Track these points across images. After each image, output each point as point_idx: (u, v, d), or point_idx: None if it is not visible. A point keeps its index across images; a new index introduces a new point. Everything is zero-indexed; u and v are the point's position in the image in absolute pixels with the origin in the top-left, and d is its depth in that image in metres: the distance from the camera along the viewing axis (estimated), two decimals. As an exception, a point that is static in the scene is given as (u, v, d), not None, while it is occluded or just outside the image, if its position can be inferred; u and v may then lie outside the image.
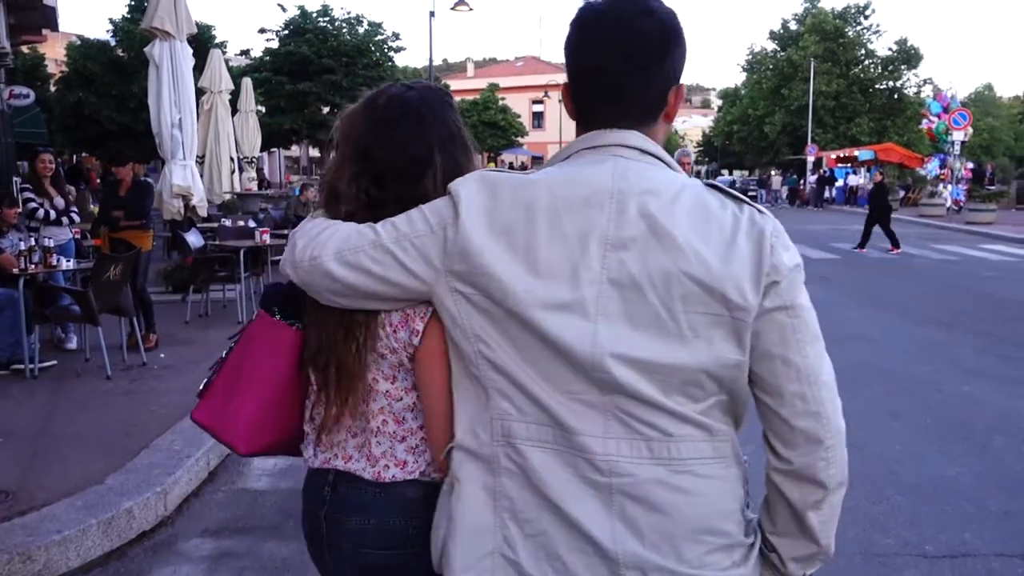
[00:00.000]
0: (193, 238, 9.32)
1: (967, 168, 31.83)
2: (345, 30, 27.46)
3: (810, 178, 40.95)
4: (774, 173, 46.42)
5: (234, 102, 16.65)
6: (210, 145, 14.03)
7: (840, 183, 38.79)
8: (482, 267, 1.24)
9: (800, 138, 44.96)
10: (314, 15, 27.40)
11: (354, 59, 26.79)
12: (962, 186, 29.13)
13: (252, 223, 11.45)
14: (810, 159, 41.94)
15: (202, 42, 18.61)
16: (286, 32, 27.42)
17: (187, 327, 8.18)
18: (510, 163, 46.65)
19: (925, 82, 48.20)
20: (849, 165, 39.64)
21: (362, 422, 1.47)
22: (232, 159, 15.24)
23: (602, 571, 1.24)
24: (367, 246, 1.32)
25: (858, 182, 37.61)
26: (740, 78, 57.20)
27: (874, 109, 46.58)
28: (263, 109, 24.94)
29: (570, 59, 1.34)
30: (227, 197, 14.91)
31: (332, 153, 1.55)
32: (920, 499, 4.33)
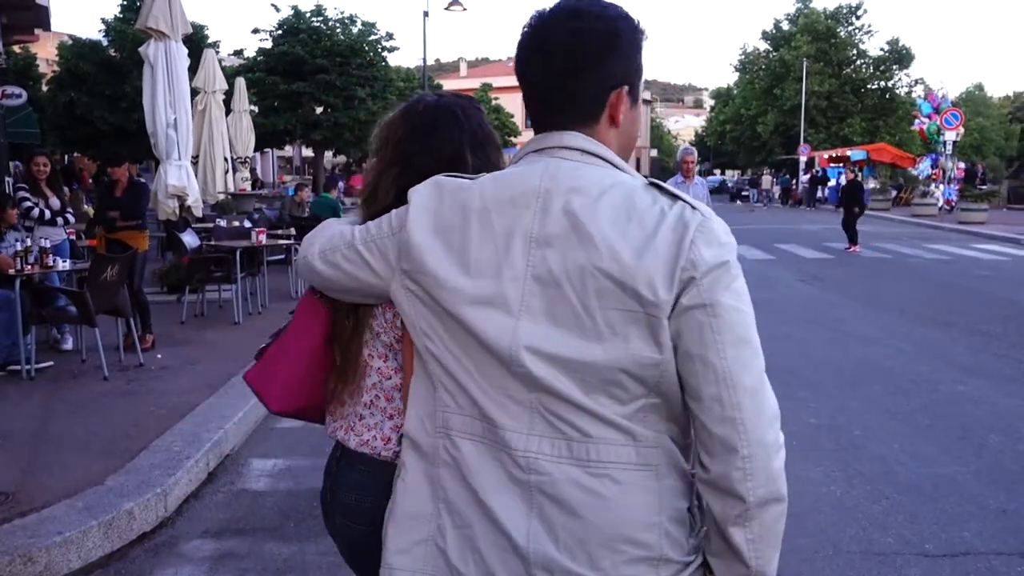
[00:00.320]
0: (189, 238, 9.30)
1: (960, 168, 31.94)
2: (339, 30, 27.38)
3: (802, 178, 41.09)
4: (766, 173, 46.56)
5: (228, 102, 16.59)
6: (204, 145, 13.99)
7: (832, 183, 38.88)
8: (422, 265, 1.30)
9: (792, 138, 45.12)
10: (307, 15, 27.32)
11: (348, 59, 26.71)
12: (954, 186, 29.25)
13: (247, 223, 11.43)
14: (802, 159, 42.09)
15: (196, 42, 18.54)
16: (279, 32, 27.33)
17: (183, 327, 8.16)
18: (503, 163, 46.61)
19: (916, 82, 48.48)
20: (841, 165, 39.63)
21: (357, 396, 1.62)
22: (226, 159, 15.20)
23: (516, 568, 1.25)
24: (343, 246, 1.45)
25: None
26: (733, 78, 57.44)
27: (866, 109, 46.80)
28: (256, 109, 24.86)
29: (516, 72, 1.40)
30: (221, 197, 14.87)
31: (372, 158, 1.69)
32: (919, 498, 4.34)
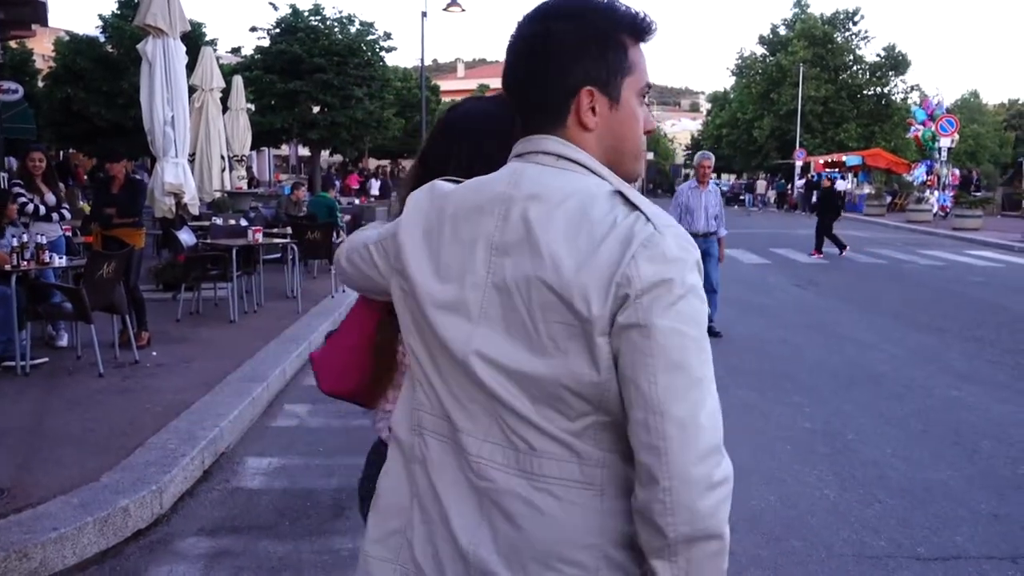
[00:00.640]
0: (185, 236, 9.29)
1: (954, 175, 32.07)
2: (336, 29, 27.38)
3: (798, 183, 41.19)
4: (760, 177, 46.66)
5: (225, 100, 16.59)
6: (201, 143, 14.01)
7: (828, 188, 38.97)
8: (405, 266, 1.34)
9: (788, 142, 45.21)
10: (305, 14, 27.31)
11: (345, 58, 26.70)
12: (949, 192, 29.37)
13: (243, 222, 11.43)
14: (798, 164, 42.18)
15: (193, 40, 18.53)
16: (277, 31, 27.32)
17: (179, 325, 8.16)
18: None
19: (912, 88, 48.60)
20: (837, 170, 39.86)
21: (395, 392, 1.67)
22: (223, 157, 15.21)
23: (460, 570, 1.25)
24: (360, 246, 1.51)
25: (846, 187, 37.83)
26: (729, 82, 57.51)
27: (862, 114, 46.92)
28: (253, 107, 24.84)
29: None
30: (217, 195, 14.87)
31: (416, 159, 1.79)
32: (912, 502, 4.37)
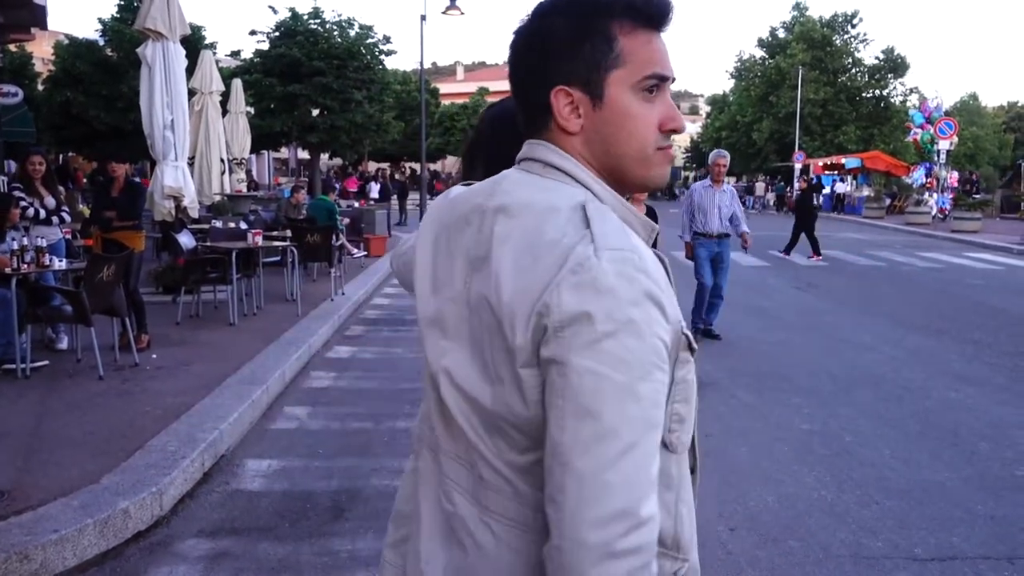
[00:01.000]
0: (184, 239, 9.31)
1: (953, 177, 32.12)
2: (336, 33, 27.36)
3: (797, 185, 41.21)
4: (759, 180, 46.73)
5: (224, 103, 16.61)
6: (200, 146, 14.01)
7: (827, 190, 39.07)
8: (414, 277, 1.30)
9: (788, 145, 45.24)
10: (305, 17, 27.28)
11: (345, 62, 26.68)
12: (948, 195, 29.41)
13: (243, 225, 11.45)
14: (797, 166, 42.20)
15: (193, 43, 18.55)
16: (277, 34, 27.29)
17: (178, 328, 8.17)
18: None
19: (911, 91, 48.66)
20: (836, 173, 39.92)
21: None
22: (222, 160, 15.22)
23: None
24: (406, 250, 1.63)
25: (845, 190, 37.90)
26: (728, 85, 57.74)
27: (861, 117, 46.98)
28: (253, 111, 24.85)
29: None
30: (217, 198, 14.88)
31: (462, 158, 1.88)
32: (909, 503, 4.38)
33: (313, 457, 5.05)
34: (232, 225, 11.22)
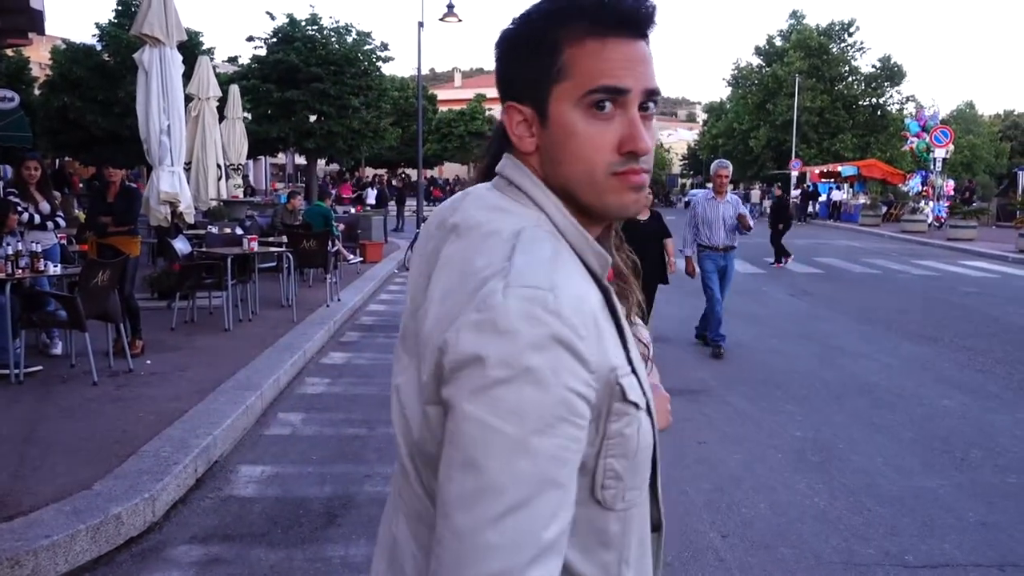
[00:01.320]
0: (180, 244, 9.31)
1: (949, 186, 32.23)
2: (334, 39, 27.40)
3: (794, 193, 41.32)
4: (754, 187, 46.90)
5: (221, 109, 16.63)
6: (197, 152, 14.01)
7: (824, 198, 39.19)
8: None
9: (784, 153, 45.39)
10: (303, 23, 27.33)
11: (342, 68, 26.73)
12: (944, 203, 29.50)
13: (239, 230, 11.46)
14: (794, 174, 42.34)
15: (190, 49, 18.57)
16: (274, 40, 27.33)
17: (173, 333, 8.17)
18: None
19: (908, 99, 48.87)
20: (833, 180, 40.06)
21: None
22: (219, 166, 15.22)
23: None
24: None
25: (842, 197, 38.01)
26: (726, 92, 57.64)
27: (857, 125, 47.17)
28: (250, 116, 24.87)
29: None
30: (213, 204, 14.88)
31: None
32: (901, 510, 4.39)
33: (306, 463, 5.05)
34: (228, 231, 11.22)
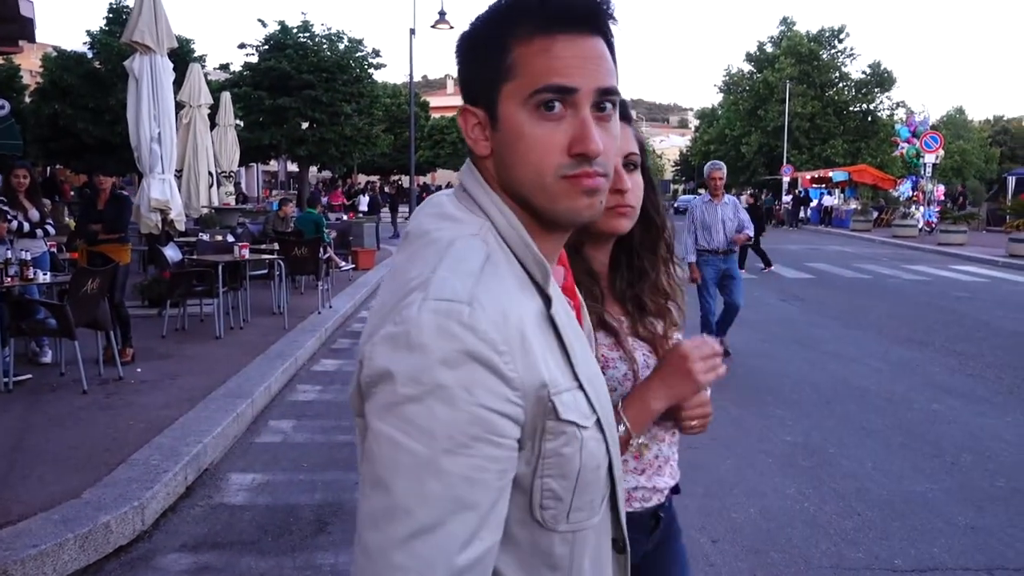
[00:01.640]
0: (171, 252, 9.29)
1: (939, 191, 32.39)
2: (325, 46, 27.43)
3: (785, 198, 41.48)
4: (745, 193, 47.03)
5: (213, 116, 16.61)
6: (188, 159, 14.00)
7: (815, 203, 39.34)
8: None
9: (776, 158, 45.61)
10: (294, 31, 27.36)
11: (334, 75, 26.76)
12: (934, 208, 29.64)
13: (231, 238, 11.44)
14: (785, 179, 42.51)
15: (181, 56, 18.57)
16: (266, 47, 27.35)
17: (164, 341, 8.15)
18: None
19: (898, 105, 49.12)
20: (824, 186, 40.21)
21: None
22: (210, 173, 15.21)
23: None
24: None
25: (833, 203, 38.15)
26: (717, 98, 58.00)
27: (848, 131, 47.42)
28: (242, 123, 24.86)
29: None
30: (204, 211, 14.87)
31: None
32: (890, 514, 4.40)
33: (297, 471, 5.04)
34: (219, 238, 11.20)
